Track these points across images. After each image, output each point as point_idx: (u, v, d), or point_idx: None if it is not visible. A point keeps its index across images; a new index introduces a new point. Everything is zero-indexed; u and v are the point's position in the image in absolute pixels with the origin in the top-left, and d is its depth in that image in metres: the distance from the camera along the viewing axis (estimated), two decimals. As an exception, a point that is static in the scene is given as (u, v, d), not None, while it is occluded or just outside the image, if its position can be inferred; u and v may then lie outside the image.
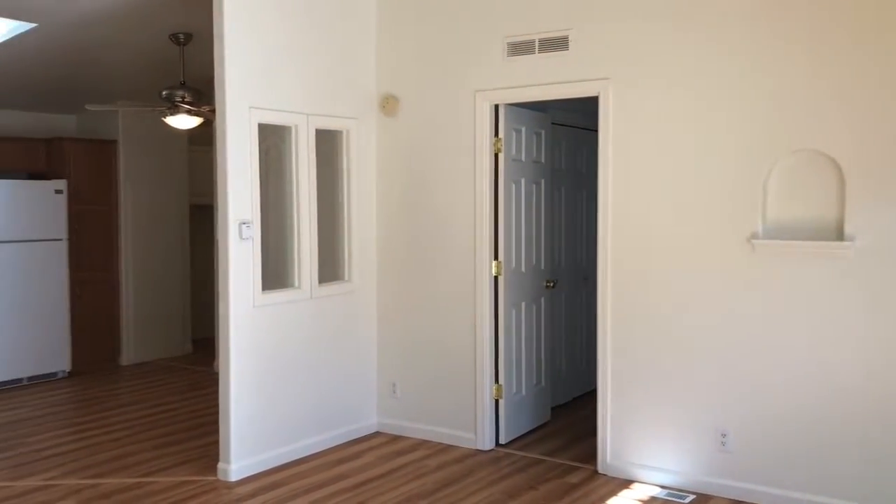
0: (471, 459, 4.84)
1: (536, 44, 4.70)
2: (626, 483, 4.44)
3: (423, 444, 5.14)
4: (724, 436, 4.21)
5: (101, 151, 7.51)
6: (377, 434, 5.36)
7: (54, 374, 7.06)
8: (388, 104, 5.28)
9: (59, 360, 7.07)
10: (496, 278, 5.01)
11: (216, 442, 4.91)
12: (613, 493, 4.31)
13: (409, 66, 5.22)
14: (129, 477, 4.54)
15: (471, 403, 5.04)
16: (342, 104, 5.18)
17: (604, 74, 4.50)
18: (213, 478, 4.51)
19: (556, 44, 4.64)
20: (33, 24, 5.38)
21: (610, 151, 4.51)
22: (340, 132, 5.23)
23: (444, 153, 5.10)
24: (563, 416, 5.76)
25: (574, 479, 4.51)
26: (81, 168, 7.34)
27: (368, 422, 5.38)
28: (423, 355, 5.23)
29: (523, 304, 5.27)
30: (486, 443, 5.01)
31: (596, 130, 4.65)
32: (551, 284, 5.56)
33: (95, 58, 6.23)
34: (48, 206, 6.95)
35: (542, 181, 5.47)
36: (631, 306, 4.48)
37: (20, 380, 6.81)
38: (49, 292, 6.98)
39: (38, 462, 4.82)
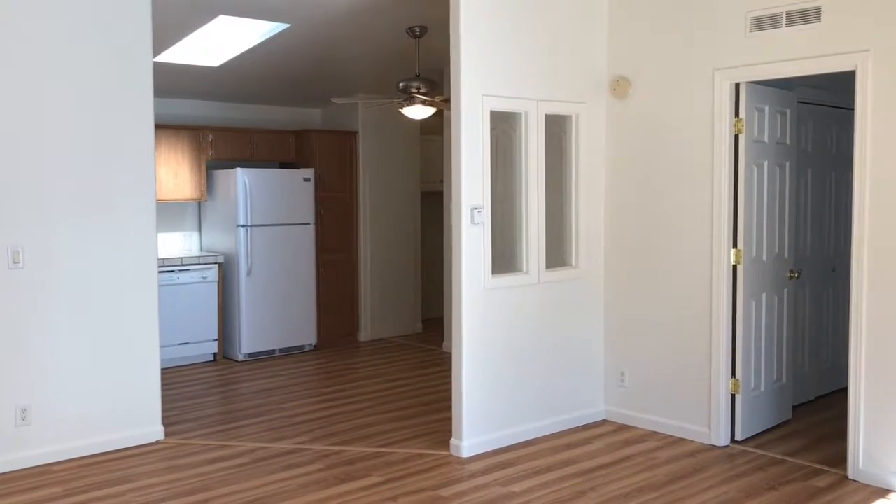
0: (704, 454, 4.66)
1: (783, 16, 4.39)
2: (883, 492, 4.06)
3: (652, 435, 5.02)
4: None
5: (343, 142, 8.03)
6: (604, 422, 5.31)
7: (302, 347, 7.69)
8: (619, 86, 5.18)
9: (307, 334, 7.69)
10: (734, 267, 4.76)
11: (448, 418, 5.12)
12: (867, 501, 3.96)
13: (641, 46, 5.08)
14: (370, 446, 4.84)
15: (705, 397, 4.84)
16: (571, 88, 5.15)
17: (862, 46, 4.11)
18: (446, 453, 4.70)
19: (807, 15, 4.29)
20: (287, 25, 5.85)
21: (868, 131, 4.11)
22: (569, 116, 5.21)
23: (678, 135, 4.92)
24: (805, 415, 5.38)
25: (820, 482, 4.20)
26: (326, 157, 7.90)
27: (595, 409, 5.34)
28: (654, 345, 5.10)
29: (764, 296, 4.97)
30: (721, 438, 4.79)
31: (849, 108, 4.26)
32: (795, 275, 5.18)
33: (339, 54, 6.66)
34: (298, 193, 7.56)
35: (787, 164, 5.11)
36: (891, 300, 4.07)
37: (273, 351, 7.49)
38: (299, 272, 7.61)
39: (291, 427, 5.28)
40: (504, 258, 5.00)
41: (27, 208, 4.48)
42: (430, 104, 6.33)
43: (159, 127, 6.69)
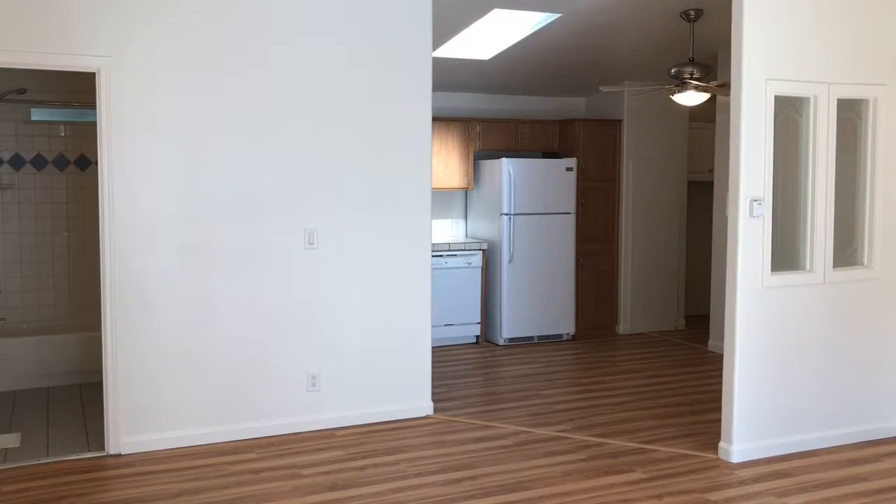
0: None
1: None
2: None
3: (956, 459, 4.46)
4: None
5: (607, 130, 7.93)
6: (896, 439, 4.81)
7: (560, 335, 7.74)
8: (929, 66, 4.61)
9: (565, 323, 7.73)
10: None
11: (714, 420, 4.90)
12: None
13: (960, 19, 4.48)
14: (632, 441, 4.76)
15: None
16: (868, 69, 4.66)
17: None
18: (713, 455, 4.49)
19: None
20: (558, 15, 5.88)
21: None
22: (865, 101, 4.73)
23: None
24: None
25: None
26: (589, 147, 7.85)
27: (887, 424, 4.83)
28: (962, 357, 4.50)
29: None
30: None
31: None
32: None
33: (609, 41, 6.57)
34: (560, 183, 7.60)
35: None
36: None
37: (532, 338, 7.62)
38: (558, 262, 7.66)
39: (551, 414, 5.33)
40: (783, 255, 4.66)
41: (322, 195, 4.92)
42: (704, 90, 6.06)
43: (432, 119, 7.02)
